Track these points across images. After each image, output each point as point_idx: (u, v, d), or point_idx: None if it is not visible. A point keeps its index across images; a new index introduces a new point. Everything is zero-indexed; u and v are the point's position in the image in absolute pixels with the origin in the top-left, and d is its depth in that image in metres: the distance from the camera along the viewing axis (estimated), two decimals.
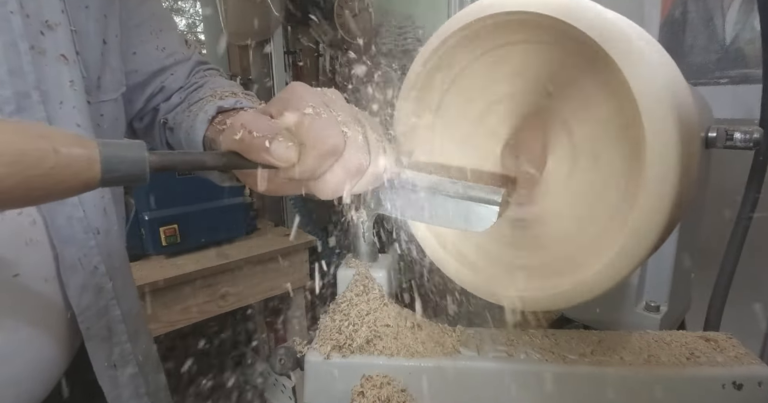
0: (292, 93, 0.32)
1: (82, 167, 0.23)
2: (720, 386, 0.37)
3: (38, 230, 0.41)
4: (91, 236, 0.45)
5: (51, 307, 0.43)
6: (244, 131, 0.30)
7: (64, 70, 0.42)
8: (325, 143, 0.30)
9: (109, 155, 0.24)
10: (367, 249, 0.44)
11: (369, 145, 0.33)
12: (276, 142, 0.29)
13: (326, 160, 0.30)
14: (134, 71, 0.54)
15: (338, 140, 0.30)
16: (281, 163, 0.30)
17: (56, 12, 0.41)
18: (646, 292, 0.55)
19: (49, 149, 0.22)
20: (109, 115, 0.49)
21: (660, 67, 0.27)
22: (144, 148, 0.26)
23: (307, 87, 0.33)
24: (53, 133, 0.23)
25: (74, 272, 0.44)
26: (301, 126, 0.30)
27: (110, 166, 0.24)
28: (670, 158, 0.26)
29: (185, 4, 1.80)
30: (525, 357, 0.39)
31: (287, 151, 0.29)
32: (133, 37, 0.53)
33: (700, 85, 0.92)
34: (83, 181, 0.24)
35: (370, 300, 0.41)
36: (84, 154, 0.23)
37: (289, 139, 0.30)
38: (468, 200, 0.35)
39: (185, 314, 1.22)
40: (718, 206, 0.59)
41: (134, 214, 1.22)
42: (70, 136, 0.23)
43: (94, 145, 0.24)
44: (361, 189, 0.34)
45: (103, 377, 0.48)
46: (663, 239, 0.29)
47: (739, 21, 0.87)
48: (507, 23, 0.33)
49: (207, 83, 0.57)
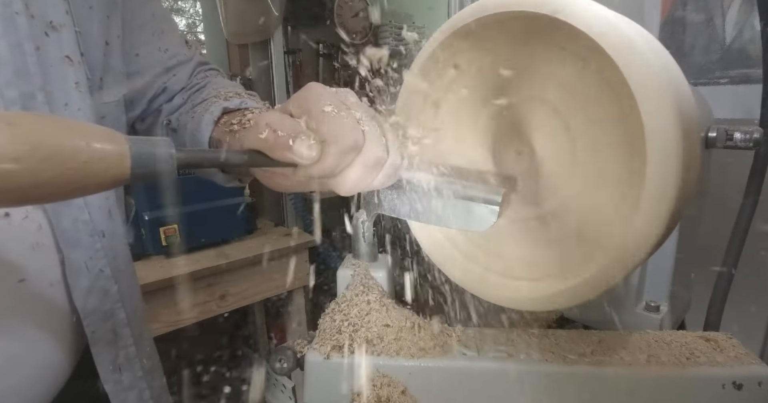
0: (310, 92, 0.33)
1: (113, 163, 0.24)
2: (720, 386, 0.37)
3: (44, 234, 0.41)
4: (96, 238, 0.45)
5: (56, 311, 0.43)
6: (270, 130, 0.30)
7: (69, 71, 0.42)
8: (346, 140, 0.30)
9: (138, 151, 0.24)
10: (367, 249, 0.44)
11: (387, 140, 0.33)
12: (299, 140, 0.30)
13: (347, 157, 0.31)
14: (137, 73, 0.54)
15: (359, 137, 0.31)
16: (304, 161, 0.30)
17: (61, 13, 0.41)
18: (646, 292, 0.55)
19: (83, 144, 0.23)
20: (110, 117, 0.49)
21: (660, 66, 0.27)
22: (171, 145, 0.26)
23: (324, 86, 0.33)
24: (87, 128, 0.23)
25: (80, 276, 0.44)
26: (321, 124, 0.31)
27: (140, 162, 0.25)
28: (670, 158, 0.26)
29: (185, 4, 1.79)
30: (525, 357, 0.39)
31: (309, 149, 0.30)
32: (135, 39, 0.53)
33: (700, 85, 0.92)
34: (113, 177, 0.24)
35: (370, 300, 0.41)
36: (115, 149, 0.24)
37: (311, 138, 0.30)
38: (468, 200, 0.35)
39: (185, 314, 1.22)
40: (718, 205, 0.59)
41: (134, 214, 1.22)
42: (103, 131, 0.24)
43: (124, 141, 0.24)
44: (379, 184, 0.34)
45: (108, 381, 0.48)
46: (663, 239, 0.29)
47: (739, 21, 0.87)
48: (506, 22, 0.33)
49: (210, 84, 0.57)
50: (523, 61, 0.35)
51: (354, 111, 0.32)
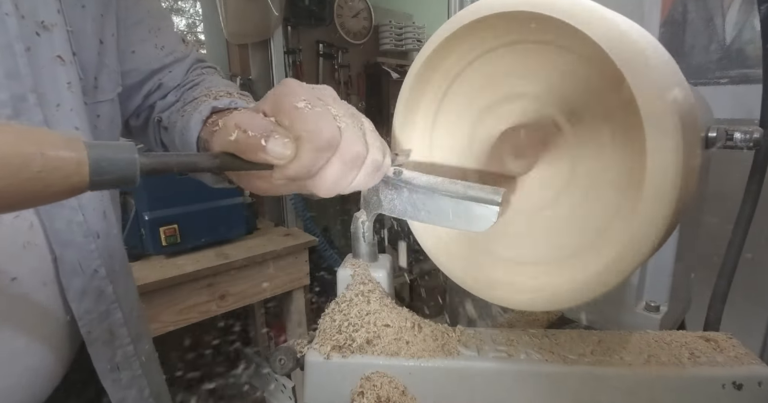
0: (283, 88, 0.32)
1: (70, 170, 0.22)
2: (720, 386, 0.37)
3: (36, 233, 0.41)
4: (91, 239, 0.45)
5: (49, 311, 0.43)
6: (239, 131, 0.29)
7: (61, 71, 0.41)
8: (321, 136, 0.29)
9: (97, 158, 0.23)
10: (367, 249, 0.44)
11: (366, 136, 0.32)
12: (272, 139, 0.28)
13: (323, 154, 0.30)
14: (133, 70, 0.54)
15: (335, 133, 0.30)
16: (278, 161, 0.29)
17: (52, 12, 0.40)
18: (646, 292, 0.55)
19: (36, 152, 0.21)
20: (105, 116, 0.49)
21: (660, 66, 0.27)
22: (134, 149, 0.24)
23: (299, 82, 0.32)
24: (40, 135, 0.22)
25: (74, 276, 0.44)
26: (295, 120, 0.29)
27: (99, 169, 0.23)
28: (670, 158, 0.26)
29: (185, 4, 1.80)
30: (525, 357, 0.39)
31: (284, 148, 0.29)
32: (131, 36, 0.52)
33: (700, 85, 0.92)
34: (71, 185, 0.23)
35: (370, 300, 0.41)
36: (72, 156, 0.22)
37: (285, 136, 0.29)
38: (468, 200, 0.35)
39: (185, 314, 1.22)
40: (718, 206, 0.59)
41: (134, 214, 1.22)
42: (58, 138, 0.22)
43: (82, 148, 0.23)
44: (361, 184, 0.33)
45: (107, 380, 0.48)
46: (664, 239, 0.29)
47: (739, 21, 0.87)
48: (506, 23, 0.33)
49: (203, 82, 0.57)
50: (523, 60, 0.35)
51: (330, 107, 0.31)
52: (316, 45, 1.87)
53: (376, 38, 2.11)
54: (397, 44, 2.11)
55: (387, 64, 2.11)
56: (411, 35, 2.14)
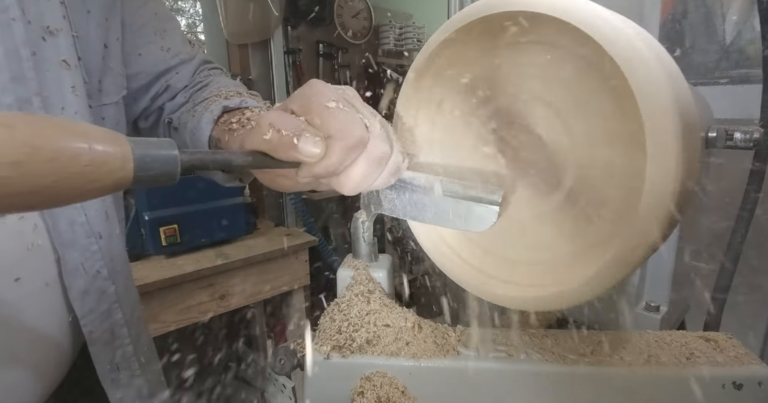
0: (312, 88, 0.32)
1: (116, 166, 0.22)
2: (720, 386, 0.37)
3: (40, 234, 0.41)
4: (93, 240, 0.45)
5: (52, 311, 0.43)
6: (273, 130, 0.29)
7: (66, 75, 0.42)
8: (352, 135, 0.30)
9: (141, 153, 0.23)
10: (367, 249, 0.44)
11: (389, 137, 0.33)
12: (304, 137, 0.29)
13: (352, 153, 0.30)
14: (140, 72, 0.54)
15: (363, 132, 0.30)
16: (309, 159, 0.29)
17: (58, 18, 0.41)
18: (646, 292, 0.55)
19: (85, 147, 0.21)
20: (110, 119, 0.49)
21: (660, 66, 0.27)
22: (175, 146, 0.25)
23: (325, 83, 0.33)
24: (87, 129, 0.22)
25: (76, 276, 0.44)
26: (326, 120, 0.30)
27: (143, 165, 0.23)
28: (670, 158, 0.26)
29: (185, 4, 1.80)
30: (525, 357, 0.39)
31: (315, 146, 0.29)
32: (137, 39, 0.53)
33: (700, 85, 0.92)
34: (115, 180, 0.23)
35: (370, 300, 0.41)
36: (118, 151, 0.22)
37: (316, 134, 0.30)
38: (468, 200, 0.35)
39: (185, 314, 1.23)
40: (719, 205, 0.59)
41: (134, 214, 1.22)
42: (104, 132, 0.23)
43: (126, 143, 0.23)
44: (382, 183, 0.34)
45: (106, 380, 0.48)
46: (663, 239, 0.29)
47: (739, 21, 0.87)
48: (506, 23, 0.33)
49: (212, 83, 0.57)
50: (523, 59, 0.35)
51: (356, 107, 0.32)
52: (316, 45, 1.87)
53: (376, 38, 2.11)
54: (397, 44, 2.11)
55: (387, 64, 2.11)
56: (411, 35, 2.14)
